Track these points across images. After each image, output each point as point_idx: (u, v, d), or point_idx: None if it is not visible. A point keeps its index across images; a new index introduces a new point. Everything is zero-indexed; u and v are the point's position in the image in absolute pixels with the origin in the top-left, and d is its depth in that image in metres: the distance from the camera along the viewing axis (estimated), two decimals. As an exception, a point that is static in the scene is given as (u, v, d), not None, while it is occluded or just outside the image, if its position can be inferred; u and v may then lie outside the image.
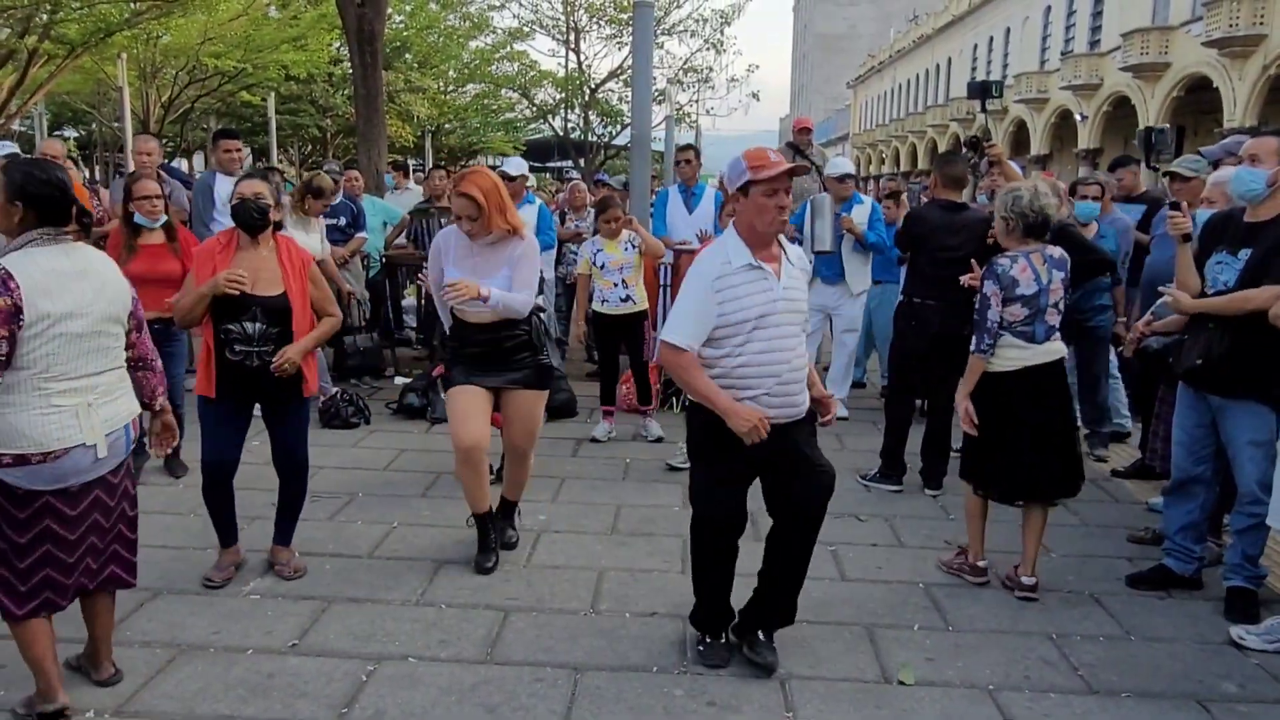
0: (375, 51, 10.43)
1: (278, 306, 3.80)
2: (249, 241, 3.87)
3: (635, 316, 6.16)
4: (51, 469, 2.73)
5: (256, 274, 3.79)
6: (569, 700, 3.11)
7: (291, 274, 3.87)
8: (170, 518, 4.67)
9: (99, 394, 2.83)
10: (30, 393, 2.68)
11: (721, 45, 28.63)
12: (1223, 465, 3.99)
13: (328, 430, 6.37)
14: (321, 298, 4.02)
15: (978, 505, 4.15)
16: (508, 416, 4.17)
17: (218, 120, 28.75)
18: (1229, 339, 3.71)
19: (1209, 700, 3.21)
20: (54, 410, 2.71)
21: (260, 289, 3.79)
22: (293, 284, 3.86)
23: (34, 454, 2.69)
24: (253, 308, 3.76)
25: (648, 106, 7.94)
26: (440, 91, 30.65)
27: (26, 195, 2.72)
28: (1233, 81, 24.09)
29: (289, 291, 3.84)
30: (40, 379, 2.69)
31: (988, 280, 3.94)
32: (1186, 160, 5.28)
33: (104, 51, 20.07)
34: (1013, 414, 3.94)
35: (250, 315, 3.76)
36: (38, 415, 2.69)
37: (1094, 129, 31.64)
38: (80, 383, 2.78)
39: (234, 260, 3.82)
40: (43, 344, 2.67)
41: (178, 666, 3.24)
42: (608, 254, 6.08)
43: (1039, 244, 3.99)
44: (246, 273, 3.75)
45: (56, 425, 2.71)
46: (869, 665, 3.40)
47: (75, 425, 2.75)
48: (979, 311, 3.98)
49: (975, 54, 44.12)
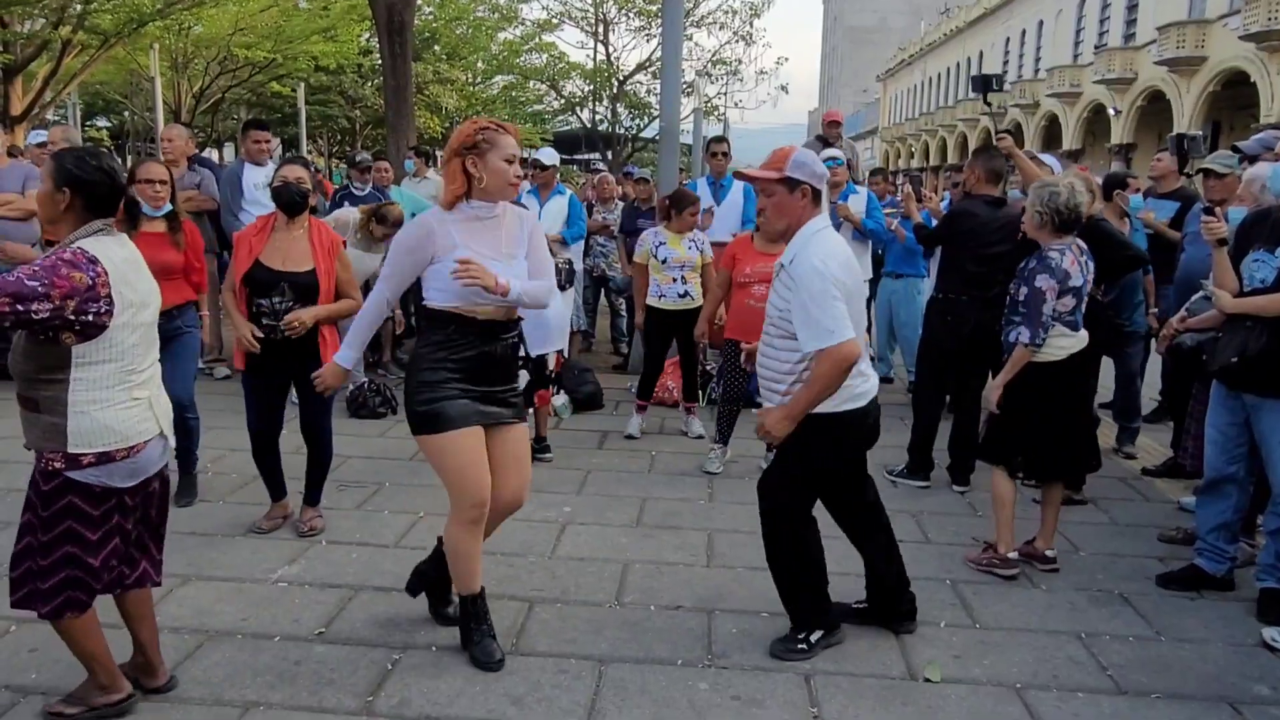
0: (405, 42, 10.48)
1: (305, 283, 4.11)
2: (285, 223, 4.19)
3: (691, 313, 6.05)
4: (131, 464, 2.71)
5: (288, 252, 4.13)
6: (593, 692, 3.11)
7: (321, 253, 4.15)
8: (199, 505, 4.72)
9: (156, 385, 2.84)
10: (116, 387, 2.65)
11: (751, 37, 28.53)
12: (1256, 464, 3.93)
13: (355, 420, 6.42)
14: (346, 280, 4.28)
15: (1009, 491, 4.14)
16: (504, 464, 3.20)
17: (248, 111, 29.00)
18: (1266, 337, 3.65)
19: (1240, 703, 3.16)
20: (134, 403, 2.71)
21: (290, 265, 4.11)
22: (321, 263, 4.14)
23: (119, 450, 2.66)
24: (281, 283, 4.09)
25: (676, 99, 7.93)
26: (469, 83, 30.71)
27: (77, 182, 2.64)
28: (1271, 76, 23.67)
29: (317, 270, 4.12)
30: (125, 372, 2.67)
31: (1041, 274, 3.97)
32: (1220, 156, 5.19)
33: (136, 42, 20.28)
34: (1054, 399, 4.03)
35: (279, 291, 4.08)
36: (124, 410, 2.67)
37: (1128, 124, 31.21)
38: (148, 373, 2.79)
39: (269, 241, 4.15)
40: (129, 334, 2.66)
41: (205, 652, 3.28)
42: (670, 249, 6.03)
43: (1072, 237, 4.03)
44: (278, 251, 4.09)
45: (138, 418, 2.71)
46: (895, 662, 3.38)
47: (151, 417, 2.76)
48: (1029, 304, 3.98)
49: (1007, 47, 43.65)
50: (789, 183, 3.18)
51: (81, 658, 2.83)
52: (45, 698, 2.91)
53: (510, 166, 3.09)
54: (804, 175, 3.16)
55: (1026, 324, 3.98)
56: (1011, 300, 4.10)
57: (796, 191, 3.18)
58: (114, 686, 2.85)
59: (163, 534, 3.02)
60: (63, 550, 2.68)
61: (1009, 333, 4.10)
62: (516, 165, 3.12)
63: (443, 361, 3.10)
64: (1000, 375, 4.10)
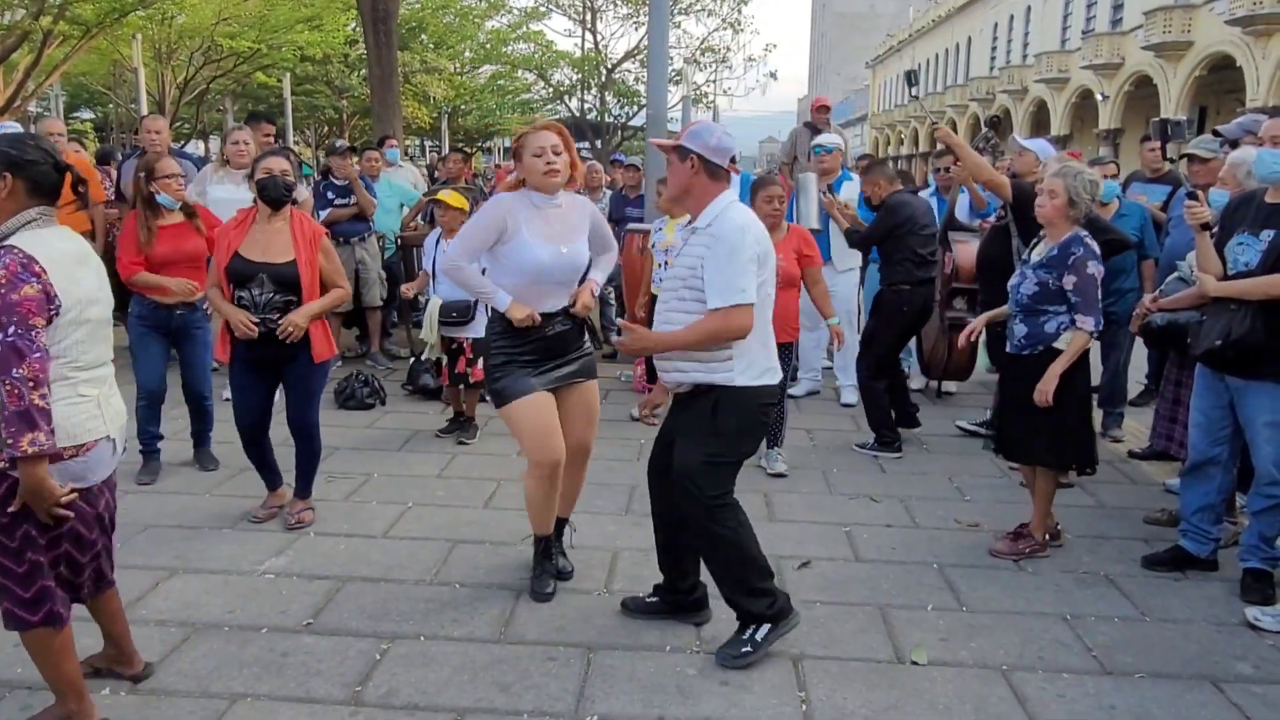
0: (390, 31, 10.43)
1: (286, 275, 4.01)
2: (266, 215, 4.10)
3: None
4: (81, 463, 2.61)
5: (267, 244, 4.04)
6: (582, 679, 3.12)
7: (302, 244, 4.05)
8: (186, 498, 4.71)
9: (109, 385, 2.73)
10: (59, 383, 2.53)
11: (739, 24, 28.46)
12: (1240, 446, 3.96)
13: (343, 410, 6.40)
14: (332, 270, 4.21)
15: (1054, 482, 4.24)
16: (572, 414, 3.72)
17: (233, 101, 28.82)
18: (1249, 320, 3.66)
19: (1223, 681, 3.19)
20: (81, 400, 2.59)
21: (270, 256, 4.03)
22: (302, 253, 4.04)
23: (67, 448, 2.54)
24: (259, 274, 3.99)
25: (663, 86, 7.90)
26: (456, 72, 30.59)
27: (15, 165, 2.52)
28: (1256, 61, 23.73)
29: (298, 260, 4.03)
30: (69, 368, 2.56)
31: (1090, 260, 3.96)
32: (1204, 141, 5.20)
33: (119, 32, 20.14)
34: (1074, 387, 4.05)
35: (257, 282, 3.99)
36: (68, 405, 2.55)
37: (1115, 109, 31.26)
38: (98, 372, 2.67)
39: (249, 234, 4.06)
40: (73, 331, 2.55)
41: (192, 645, 3.27)
42: (664, 234, 6.07)
43: None
44: (258, 243, 4.01)
45: (85, 415, 2.60)
46: (882, 645, 3.39)
47: (99, 416, 2.64)
48: (1082, 291, 3.94)
49: (995, 33, 43.61)
50: (680, 150, 3.24)
51: (55, 681, 2.70)
52: (31, 692, 2.90)
53: (539, 159, 3.51)
54: (696, 145, 3.21)
55: (1086, 311, 3.95)
56: (1043, 291, 4.00)
57: (686, 161, 3.22)
58: (83, 712, 2.72)
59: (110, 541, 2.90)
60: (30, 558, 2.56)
61: (1040, 323, 4.02)
62: (548, 155, 3.51)
63: (504, 349, 3.61)
64: (1057, 366, 3.96)
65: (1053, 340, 4.03)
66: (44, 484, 2.45)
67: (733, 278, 3.07)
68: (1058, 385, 3.96)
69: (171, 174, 4.73)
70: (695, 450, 3.20)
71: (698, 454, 3.19)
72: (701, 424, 3.22)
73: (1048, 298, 4.02)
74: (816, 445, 5.95)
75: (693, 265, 3.18)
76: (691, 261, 3.19)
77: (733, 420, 3.20)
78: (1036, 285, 4.04)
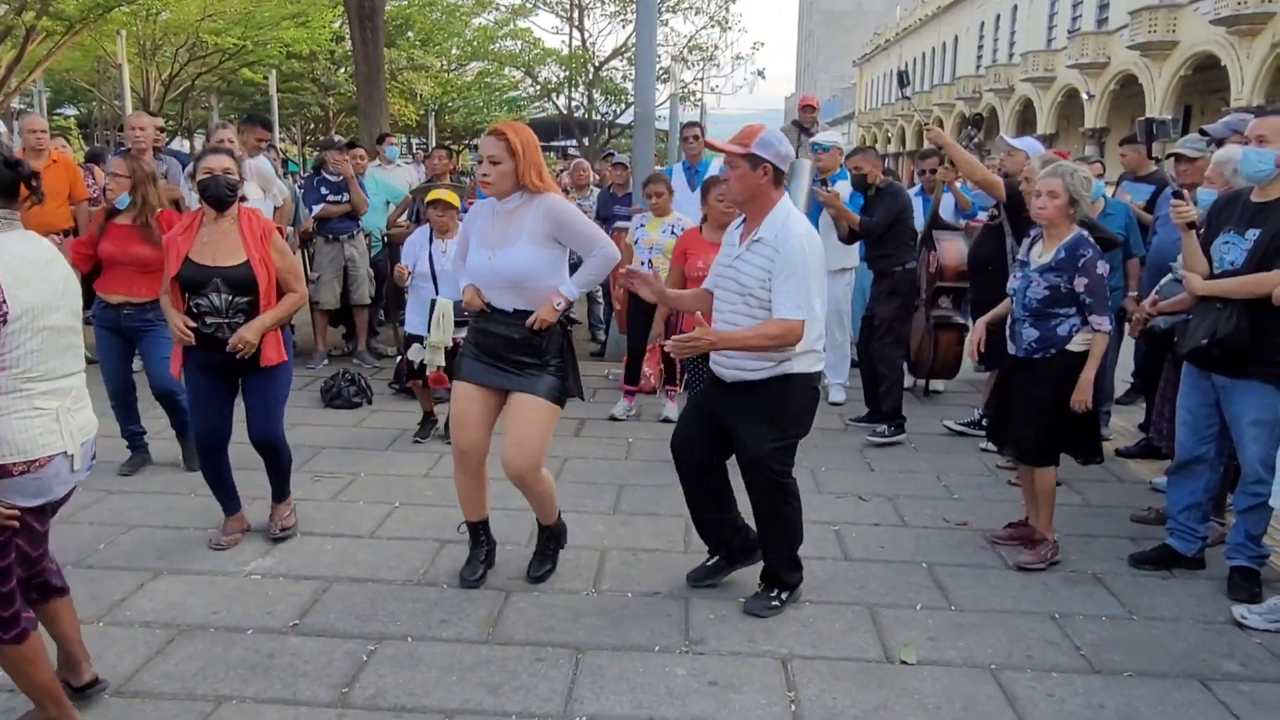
0: (376, 28, 10.38)
1: (240, 276, 3.81)
2: (213, 217, 3.88)
3: None
4: (34, 480, 2.45)
5: (218, 247, 3.84)
6: (570, 680, 3.10)
7: (252, 243, 3.85)
8: (170, 498, 4.67)
9: (73, 398, 2.57)
10: (11, 395, 2.39)
11: (726, 22, 28.47)
12: (1227, 445, 3.97)
13: (330, 409, 6.36)
14: (286, 270, 3.97)
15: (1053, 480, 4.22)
16: (506, 427, 3.61)
17: (219, 98, 28.64)
18: (1236, 319, 3.67)
19: (1211, 679, 3.20)
20: (36, 413, 2.44)
21: (220, 259, 3.82)
22: (254, 253, 3.84)
23: (17, 463, 2.41)
24: (213, 279, 3.79)
25: (651, 84, 7.89)
26: (443, 70, 30.49)
27: None
28: (1241, 60, 23.88)
29: (250, 260, 3.83)
30: (23, 379, 2.41)
31: (1100, 261, 3.96)
32: (1190, 140, 5.22)
33: (103, 28, 19.99)
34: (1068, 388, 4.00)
35: (213, 287, 3.78)
36: (21, 419, 2.41)
37: (1101, 108, 31.41)
38: (60, 384, 2.51)
39: (198, 238, 3.86)
40: (27, 339, 2.39)
41: (178, 646, 3.24)
42: (646, 231, 6.07)
43: None
44: (207, 246, 3.82)
45: (40, 430, 2.44)
46: (871, 645, 3.39)
47: (57, 430, 2.48)
48: (1094, 292, 3.91)
49: (982, 32, 43.75)
50: (752, 159, 3.31)
51: (30, 690, 2.62)
52: (12, 694, 2.86)
53: (479, 166, 3.60)
54: (768, 154, 3.29)
55: (1101, 311, 3.93)
56: (1054, 294, 3.95)
57: (759, 169, 3.32)
58: (63, 717, 2.66)
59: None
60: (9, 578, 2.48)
61: (1052, 326, 3.97)
62: (485, 165, 3.52)
63: (470, 333, 3.72)
64: (1089, 373, 3.95)
65: (1065, 343, 3.97)
66: None
67: (805, 294, 3.26)
68: (1064, 385, 3.95)
69: (115, 174, 4.64)
70: (764, 437, 3.44)
71: (767, 440, 3.44)
72: (765, 412, 3.43)
73: (1059, 301, 3.95)
74: (804, 444, 5.91)
75: (760, 277, 3.32)
76: (758, 273, 3.33)
77: (794, 406, 3.48)
78: (1047, 289, 3.96)
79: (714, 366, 3.56)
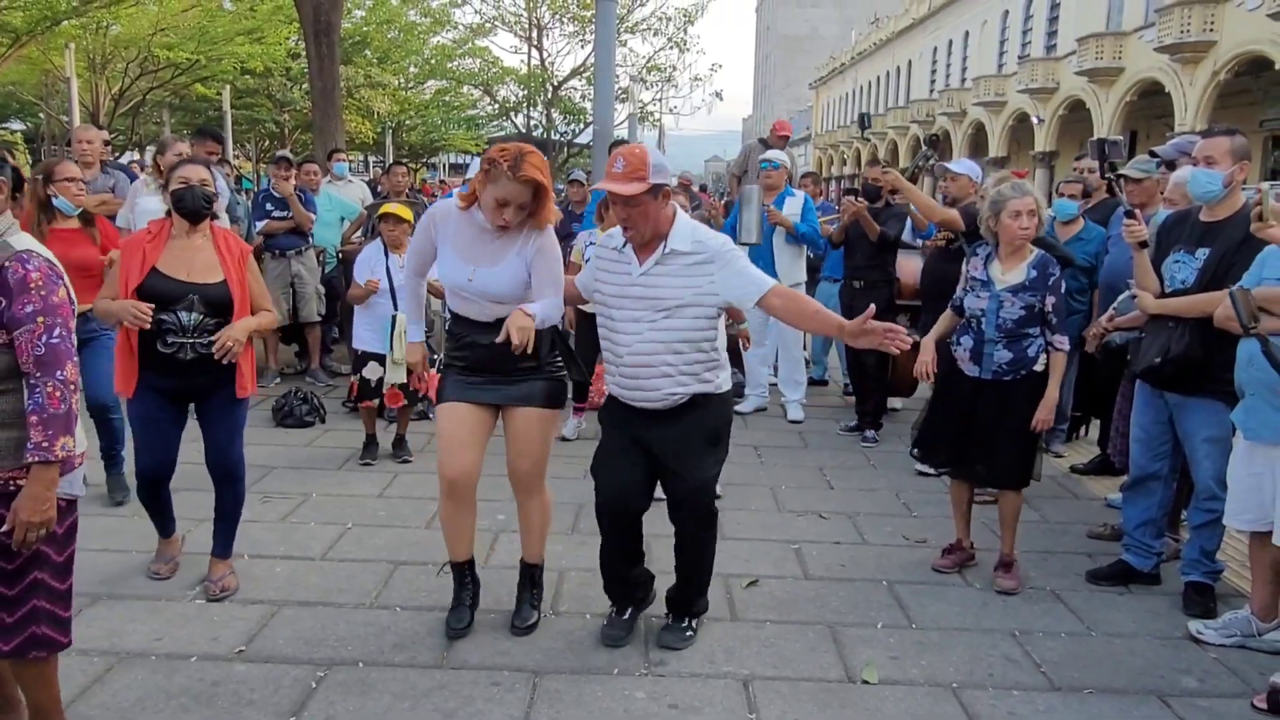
0: (332, 44, 10.29)
1: (217, 295, 3.59)
2: (185, 230, 3.65)
3: None
4: (82, 470, 2.53)
5: (192, 262, 3.61)
6: (527, 704, 3.03)
7: (231, 263, 3.66)
8: (111, 520, 4.51)
9: None
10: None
11: (684, 44, 28.63)
12: (1180, 462, 4.02)
13: (280, 429, 6.22)
14: (260, 293, 3.79)
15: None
16: (507, 440, 3.50)
17: (170, 114, 28.22)
18: (1187, 337, 3.72)
19: (1169, 695, 3.21)
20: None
21: (196, 276, 3.59)
22: (232, 273, 3.65)
23: (76, 455, 2.46)
24: (189, 295, 3.54)
25: (610, 103, 7.88)
26: (401, 88, 30.34)
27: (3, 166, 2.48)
28: (1183, 86, 24.53)
29: (229, 280, 3.63)
30: None
31: (1063, 279, 4.04)
32: (1138, 162, 5.30)
33: (51, 41, 19.64)
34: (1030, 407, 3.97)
35: (186, 304, 3.54)
36: None
37: (1050, 132, 32.07)
38: None
39: (165, 249, 3.61)
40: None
41: (116, 675, 3.11)
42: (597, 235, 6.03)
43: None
44: (180, 260, 3.58)
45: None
46: (833, 665, 3.35)
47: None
48: (1059, 311, 3.96)
49: (935, 57, 44.57)
50: (653, 190, 3.12)
51: (46, 701, 2.59)
52: None
53: (497, 211, 3.22)
54: (664, 179, 3.17)
55: (1063, 330, 3.96)
56: (1029, 314, 3.92)
57: (659, 195, 3.16)
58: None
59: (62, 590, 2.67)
60: (31, 577, 2.45)
61: (1024, 347, 3.93)
62: (508, 211, 3.22)
63: (449, 353, 3.52)
64: (1053, 392, 3.93)
65: (1033, 364, 3.95)
66: (52, 492, 2.39)
67: (753, 273, 3.24)
68: (1036, 406, 3.94)
69: (71, 178, 4.47)
70: (705, 464, 3.30)
71: (711, 467, 3.33)
72: (700, 436, 3.29)
73: (1030, 321, 3.94)
74: (764, 462, 5.93)
75: (690, 286, 3.18)
76: (684, 284, 3.18)
77: (724, 425, 3.37)
78: (1023, 309, 3.92)
79: (634, 394, 3.28)
